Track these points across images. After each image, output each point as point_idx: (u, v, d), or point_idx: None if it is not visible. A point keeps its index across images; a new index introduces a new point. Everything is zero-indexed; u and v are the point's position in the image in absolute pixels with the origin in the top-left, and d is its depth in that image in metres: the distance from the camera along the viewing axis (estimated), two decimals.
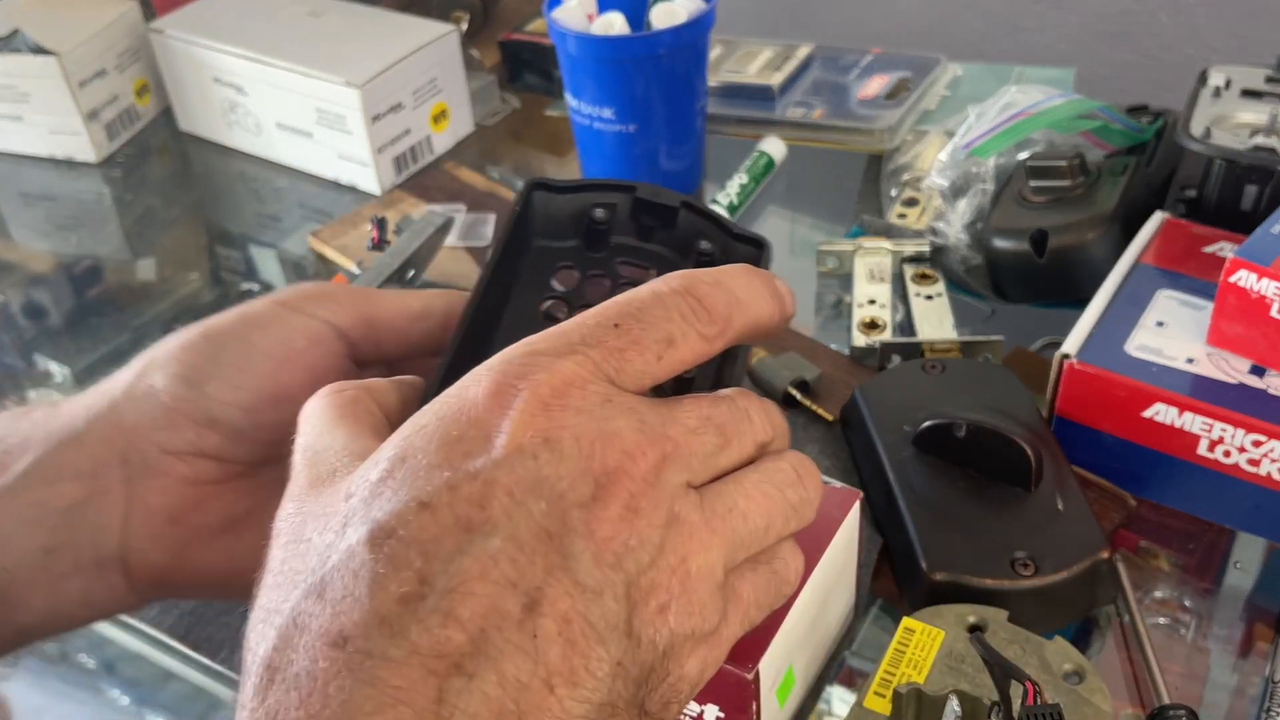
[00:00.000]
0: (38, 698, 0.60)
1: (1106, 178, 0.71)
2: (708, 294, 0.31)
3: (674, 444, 0.29)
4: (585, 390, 0.28)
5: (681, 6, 0.76)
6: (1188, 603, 0.55)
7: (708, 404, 0.31)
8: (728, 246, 0.41)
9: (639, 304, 0.30)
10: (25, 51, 0.89)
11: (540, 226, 0.42)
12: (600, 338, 0.29)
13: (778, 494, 0.31)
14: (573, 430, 0.27)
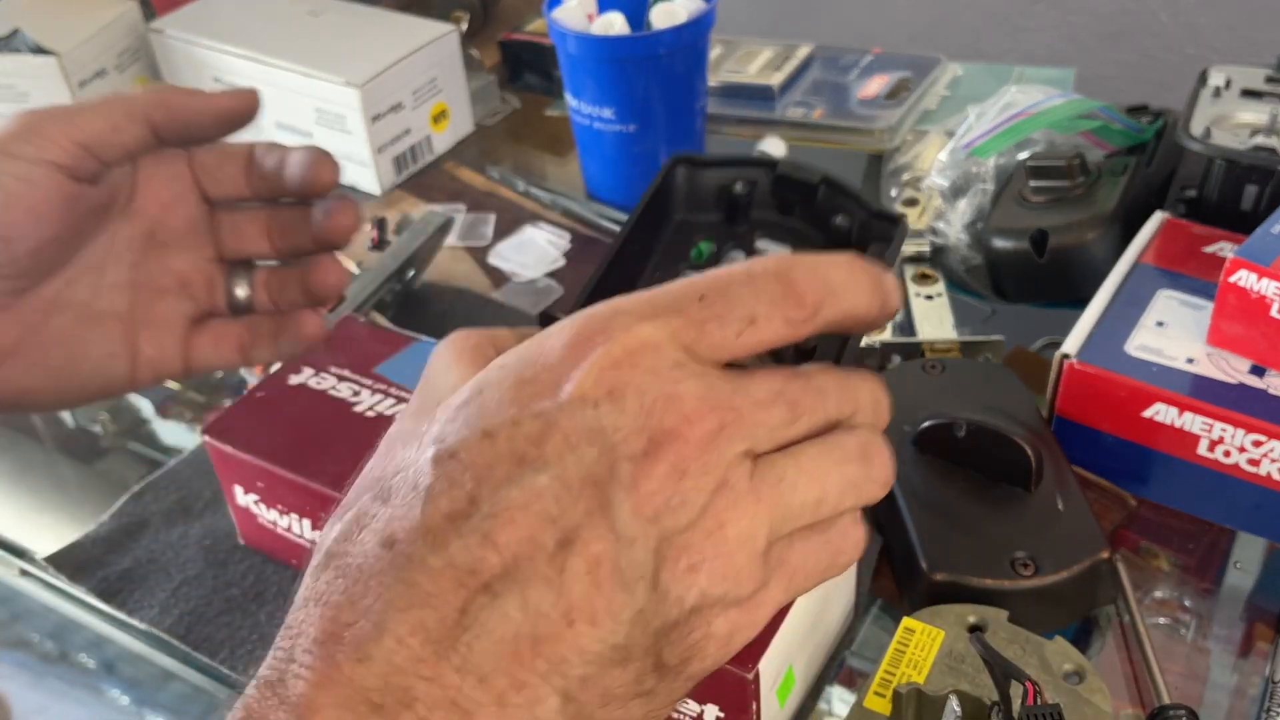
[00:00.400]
0: (38, 697, 0.60)
1: (1106, 178, 0.71)
2: (801, 280, 0.31)
3: (737, 413, 0.30)
4: (659, 353, 0.29)
5: (681, 6, 0.76)
6: (1188, 603, 0.55)
7: (783, 379, 0.31)
8: (864, 222, 0.41)
9: (729, 279, 0.31)
10: (25, 51, 0.89)
11: (684, 200, 0.43)
12: (684, 306, 0.30)
13: (835, 469, 0.31)
14: (637, 387, 0.29)
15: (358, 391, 0.56)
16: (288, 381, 0.56)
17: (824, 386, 0.32)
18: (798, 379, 0.32)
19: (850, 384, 0.33)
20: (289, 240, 0.50)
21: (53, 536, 0.61)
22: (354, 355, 0.58)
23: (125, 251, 0.46)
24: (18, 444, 0.72)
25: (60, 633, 0.62)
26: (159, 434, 0.72)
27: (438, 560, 0.27)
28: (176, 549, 0.59)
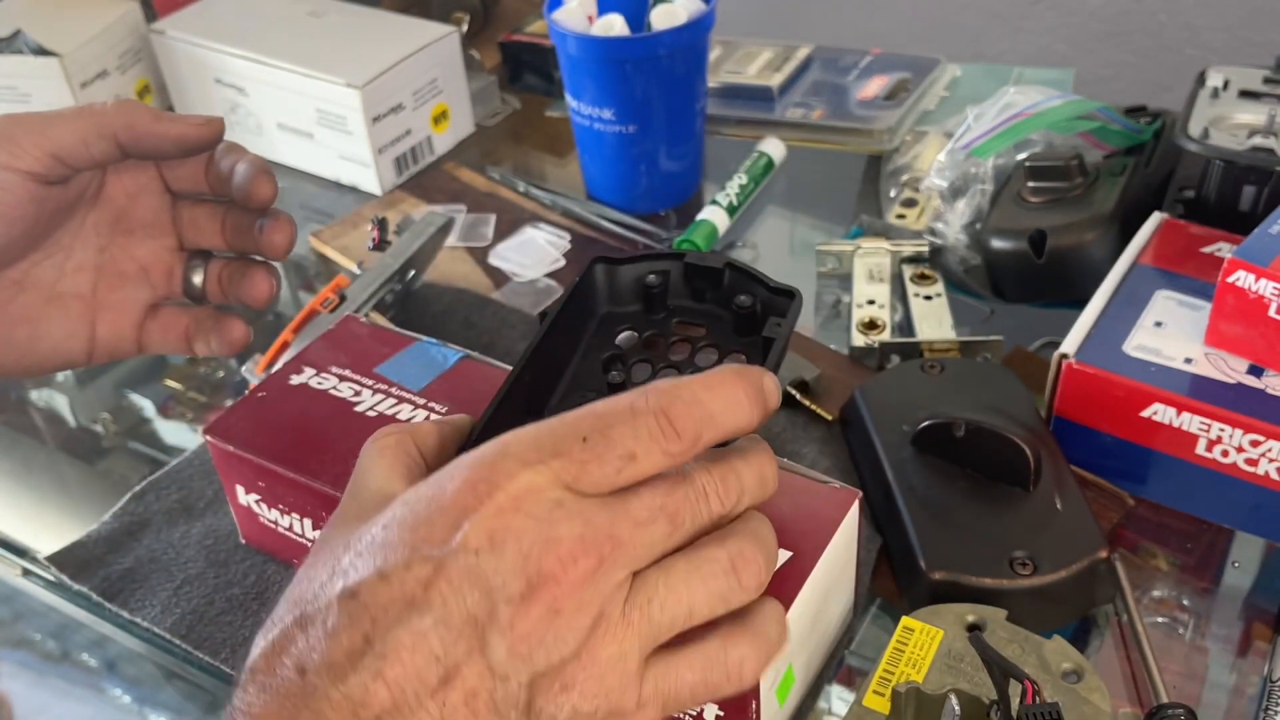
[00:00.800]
0: (39, 696, 0.60)
1: (1105, 178, 0.71)
2: (680, 415, 0.34)
3: (615, 543, 0.33)
4: (539, 497, 0.32)
5: (681, 7, 0.77)
6: (1186, 602, 0.55)
7: (664, 491, 0.34)
8: (764, 298, 0.47)
9: (612, 418, 0.34)
10: (27, 52, 0.89)
11: (606, 295, 0.48)
12: (566, 448, 0.33)
13: (702, 585, 0.34)
14: (517, 534, 0.32)
15: (359, 391, 0.56)
16: (289, 381, 0.57)
17: (705, 488, 0.35)
18: (678, 488, 0.34)
19: (733, 473, 0.36)
20: (240, 239, 0.52)
21: (54, 536, 0.61)
22: (355, 355, 0.58)
23: (92, 236, 0.49)
24: (19, 443, 0.72)
25: (62, 632, 0.62)
26: (160, 433, 0.72)
27: (337, 693, 0.31)
28: (178, 548, 0.59)
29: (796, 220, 0.86)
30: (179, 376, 0.74)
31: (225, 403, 0.71)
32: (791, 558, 0.46)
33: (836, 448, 0.62)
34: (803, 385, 0.65)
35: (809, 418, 0.64)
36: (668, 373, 0.46)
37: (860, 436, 0.60)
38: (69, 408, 0.74)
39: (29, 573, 0.61)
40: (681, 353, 0.48)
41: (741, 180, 0.82)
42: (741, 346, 0.47)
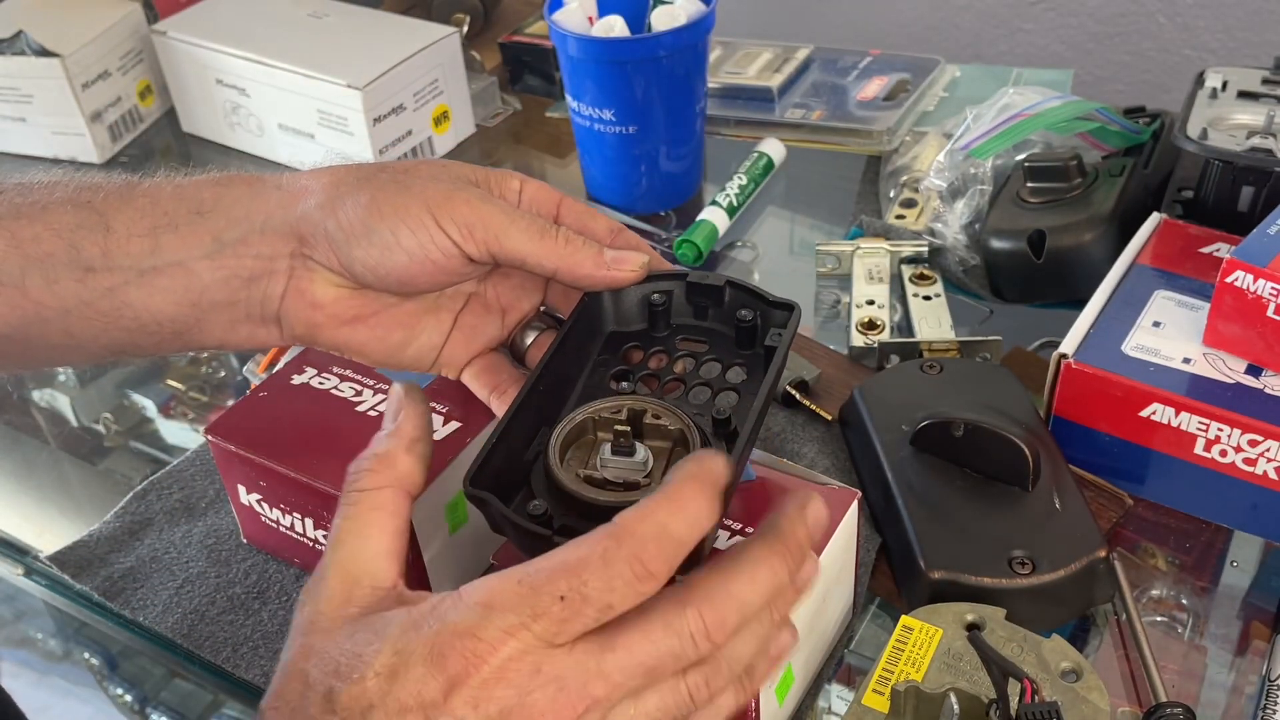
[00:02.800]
0: (41, 695, 0.60)
1: (1104, 179, 0.71)
2: (653, 555, 0.36)
3: (589, 701, 0.36)
4: (521, 663, 0.35)
5: (681, 9, 0.77)
6: (1185, 601, 0.55)
7: (647, 648, 0.36)
8: (764, 312, 0.49)
9: (585, 573, 0.36)
10: (29, 53, 0.89)
11: (614, 315, 0.51)
12: (545, 608, 0.35)
13: (664, 713, 0.37)
14: (498, 701, 0.35)
15: (360, 391, 0.56)
16: (290, 381, 0.57)
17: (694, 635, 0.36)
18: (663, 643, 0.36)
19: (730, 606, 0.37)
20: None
21: (56, 535, 0.61)
22: None
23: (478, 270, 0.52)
24: (21, 443, 0.72)
25: (63, 631, 0.63)
26: (162, 433, 0.72)
27: None
28: (179, 548, 0.59)
29: (796, 220, 0.86)
30: (180, 376, 0.74)
31: (227, 402, 0.72)
32: None
33: (836, 447, 0.62)
34: (802, 385, 0.65)
35: (808, 417, 0.64)
36: (672, 385, 0.48)
37: (859, 436, 0.60)
38: (71, 407, 0.74)
39: (31, 572, 0.61)
40: (686, 367, 0.50)
41: (741, 181, 0.82)
42: (743, 359, 0.49)
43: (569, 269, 0.49)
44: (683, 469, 0.38)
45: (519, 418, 0.46)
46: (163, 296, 0.49)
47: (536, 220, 0.49)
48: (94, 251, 0.48)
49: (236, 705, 0.56)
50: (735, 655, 0.38)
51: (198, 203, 0.49)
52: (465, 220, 0.48)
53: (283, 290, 0.50)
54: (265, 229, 0.49)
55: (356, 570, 0.39)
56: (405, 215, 0.48)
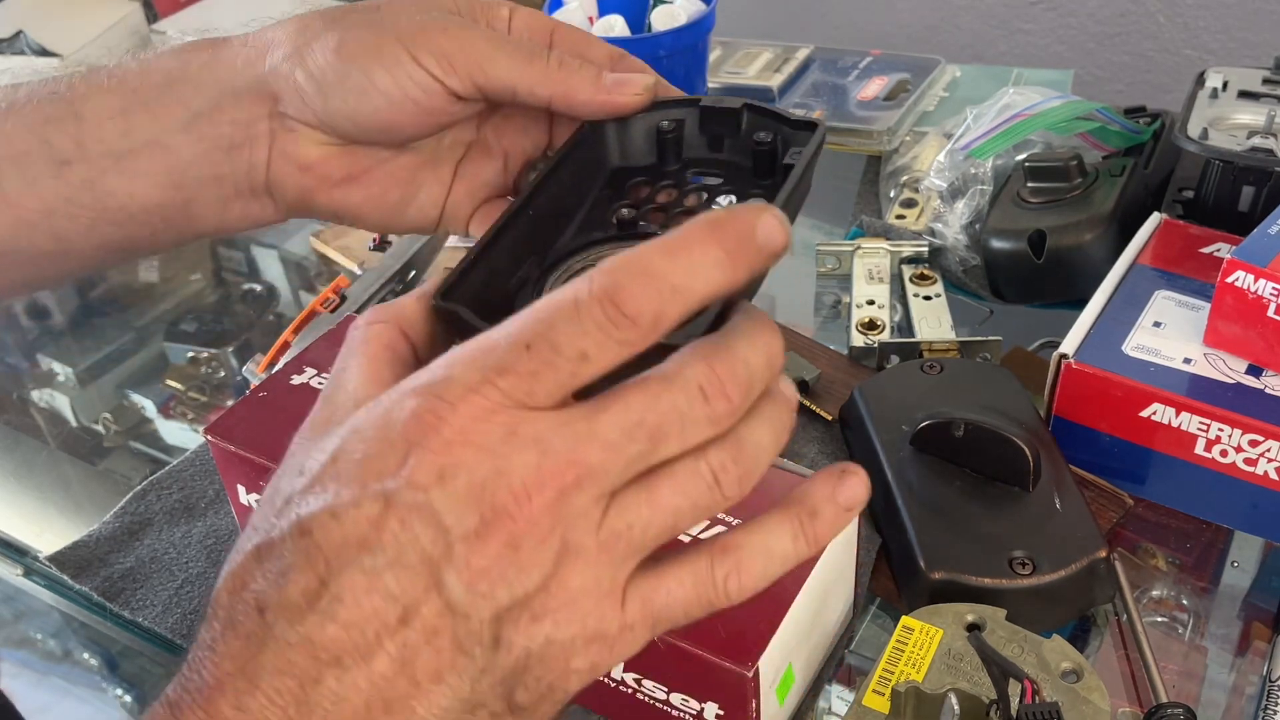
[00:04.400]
0: (41, 695, 0.60)
1: (1104, 179, 0.71)
2: (633, 295, 0.30)
3: (581, 469, 0.30)
4: (490, 424, 0.30)
5: (681, 8, 0.77)
6: (1185, 601, 0.55)
7: (643, 403, 0.31)
8: (786, 135, 0.44)
9: (554, 317, 0.30)
10: (29, 53, 0.90)
11: (618, 150, 0.45)
12: (511, 362, 0.30)
13: (688, 502, 0.32)
14: (468, 468, 0.30)
15: None
16: (290, 381, 0.57)
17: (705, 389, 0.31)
18: (662, 397, 0.31)
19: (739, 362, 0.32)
20: None
21: (55, 535, 0.61)
22: None
23: (475, 115, 0.49)
24: (21, 443, 0.72)
25: (63, 632, 0.63)
26: (161, 433, 0.72)
27: (294, 635, 0.30)
28: (179, 548, 0.59)
29: (796, 220, 0.86)
30: (180, 377, 0.74)
31: (226, 403, 0.72)
32: None
33: (836, 447, 0.62)
34: (802, 385, 0.65)
35: (808, 417, 0.64)
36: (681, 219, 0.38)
37: (859, 436, 0.60)
38: (70, 408, 0.74)
39: (30, 572, 0.61)
40: (698, 201, 0.44)
41: None
42: (761, 189, 0.44)
43: (564, 95, 0.44)
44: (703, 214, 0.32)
45: (503, 239, 0.40)
46: (144, 180, 0.46)
47: (525, 44, 0.45)
48: (67, 143, 0.46)
49: None
50: (756, 439, 0.33)
51: (164, 74, 0.47)
52: (444, 50, 0.44)
53: (267, 156, 0.47)
54: (237, 91, 0.46)
55: (339, 396, 0.34)
56: (378, 53, 0.44)
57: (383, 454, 0.31)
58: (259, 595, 0.31)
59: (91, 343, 0.78)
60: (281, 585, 0.31)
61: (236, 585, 0.31)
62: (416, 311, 0.36)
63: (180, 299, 0.82)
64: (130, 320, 0.80)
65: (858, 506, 0.35)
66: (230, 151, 0.47)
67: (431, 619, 0.30)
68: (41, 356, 0.78)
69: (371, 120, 0.45)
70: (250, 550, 0.32)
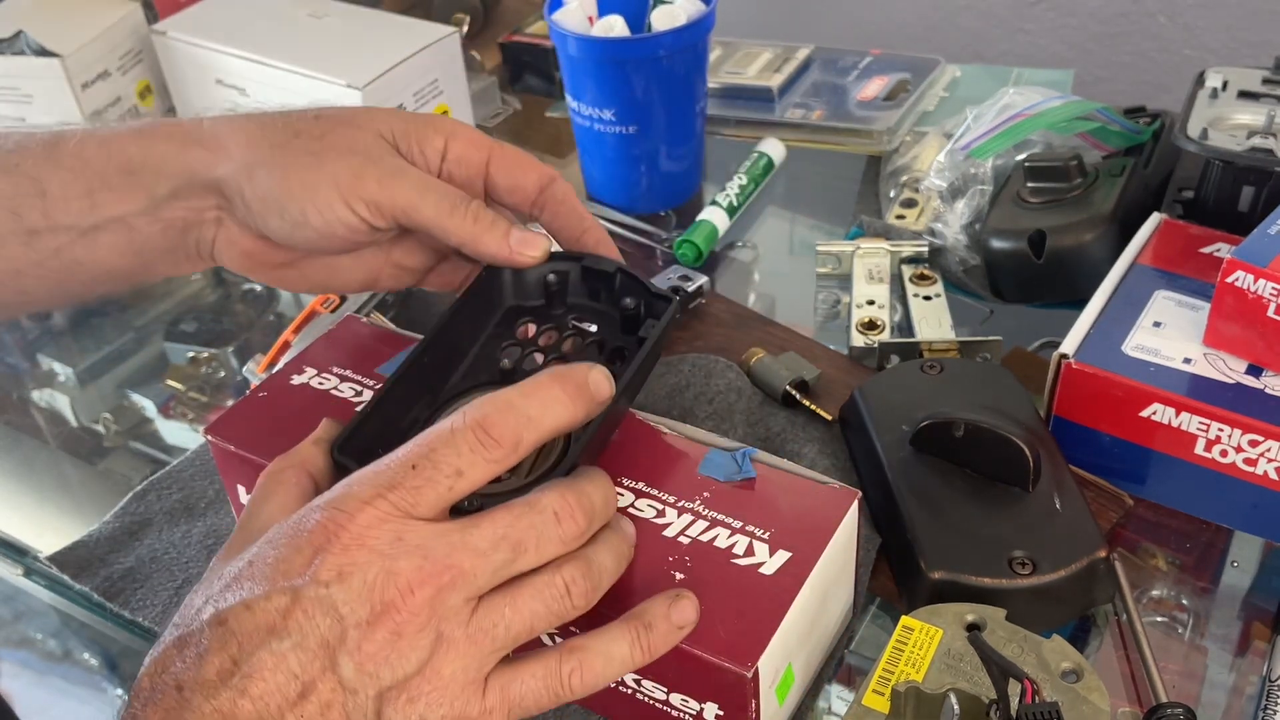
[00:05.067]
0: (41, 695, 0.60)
1: (1104, 179, 0.71)
2: (497, 423, 0.39)
3: (455, 572, 0.37)
4: (381, 531, 0.37)
5: (681, 8, 0.77)
6: (1185, 601, 0.55)
7: (509, 520, 0.39)
8: (647, 302, 0.52)
9: (434, 442, 0.39)
10: (28, 53, 0.89)
11: (513, 289, 0.53)
12: (400, 479, 0.38)
13: (544, 608, 0.39)
14: (362, 567, 0.37)
15: (359, 391, 0.56)
16: (290, 381, 0.57)
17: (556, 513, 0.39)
18: (523, 517, 0.39)
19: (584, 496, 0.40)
20: None
21: (56, 535, 0.61)
22: (356, 355, 0.58)
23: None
24: (21, 443, 0.72)
25: (63, 632, 0.63)
26: (162, 433, 0.72)
27: (209, 706, 0.35)
28: (179, 548, 0.59)
29: (796, 220, 0.86)
30: (180, 377, 0.74)
31: (226, 403, 0.72)
32: (791, 558, 0.46)
33: (836, 448, 0.62)
34: (802, 385, 0.65)
35: (808, 418, 0.64)
36: (555, 363, 0.50)
37: (860, 436, 0.60)
38: (70, 408, 0.74)
39: (31, 572, 0.61)
40: (574, 346, 0.52)
41: (741, 181, 0.82)
42: (626, 344, 0.51)
43: (474, 247, 0.51)
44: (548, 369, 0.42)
45: (399, 388, 0.48)
46: (108, 250, 0.52)
47: (449, 195, 0.51)
48: (36, 216, 0.51)
49: None
50: (600, 561, 0.41)
51: (126, 160, 0.52)
52: (374, 199, 0.50)
53: (213, 237, 0.53)
54: (193, 185, 0.52)
55: (253, 525, 0.41)
56: (314, 194, 0.50)
57: (291, 557, 0.37)
58: (177, 676, 0.36)
59: (91, 343, 0.78)
60: (199, 666, 0.36)
61: (157, 669, 0.37)
62: (315, 455, 0.45)
63: (180, 299, 0.82)
64: (130, 320, 0.80)
65: (688, 626, 0.42)
66: (184, 231, 0.53)
67: (326, 694, 0.36)
68: (42, 356, 0.78)
69: (303, 243, 0.52)
70: (171, 641, 0.37)
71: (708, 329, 0.72)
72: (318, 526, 0.37)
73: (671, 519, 0.48)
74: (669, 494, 0.49)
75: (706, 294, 0.73)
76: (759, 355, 0.67)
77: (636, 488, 0.50)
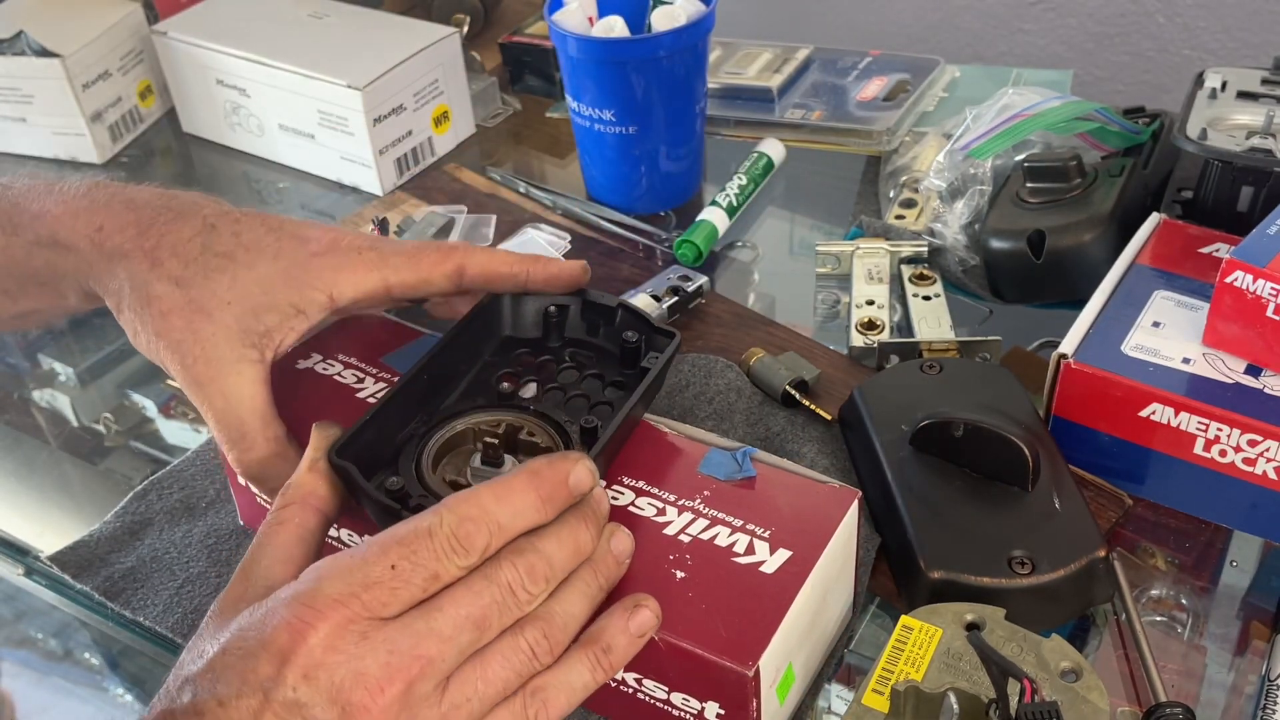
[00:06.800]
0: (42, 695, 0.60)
1: (1103, 179, 0.71)
2: (470, 532, 0.40)
3: (423, 662, 0.38)
4: (346, 633, 0.38)
5: (681, 9, 0.77)
6: (1184, 601, 0.55)
7: (469, 600, 0.39)
8: (650, 337, 0.52)
9: (414, 544, 0.39)
10: (29, 53, 0.90)
11: (510, 321, 0.54)
12: (378, 578, 0.39)
13: (513, 673, 0.40)
14: (329, 670, 0.37)
15: (361, 379, 0.56)
16: (295, 366, 0.57)
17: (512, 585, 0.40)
18: (484, 594, 0.40)
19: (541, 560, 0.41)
20: None
21: (57, 535, 0.61)
22: (364, 344, 0.58)
23: None
24: (22, 443, 0.72)
25: (64, 631, 0.63)
26: (162, 433, 0.72)
27: None
28: (180, 547, 0.59)
29: (796, 221, 0.86)
30: None
31: None
32: (791, 557, 0.46)
33: (835, 447, 0.62)
34: (802, 385, 0.65)
35: (808, 418, 0.64)
36: (555, 394, 0.52)
37: (859, 436, 0.60)
38: (71, 407, 0.74)
39: (31, 572, 0.61)
40: (570, 378, 0.53)
41: (741, 181, 0.82)
42: (624, 378, 0.52)
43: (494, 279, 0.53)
44: (529, 463, 0.42)
45: (397, 400, 0.48)
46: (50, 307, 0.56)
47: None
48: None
49: None
50: (567, 611, 0.42)
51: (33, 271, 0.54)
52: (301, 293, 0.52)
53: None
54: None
55: (255, 572, 0.42)
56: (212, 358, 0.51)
57: (259, 656, 0.37)
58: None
59: (92, 342, 0.78)
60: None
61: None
62: (312, 482, 0.45)
63: None
64: None
65: (650, 631, 0.43)
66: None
67: None
68: (42, 356, 0.78)
69: None
70: (157, 714, 0.38)
71: (708, 329, 0.72)
72: (284, 625, 0.38)
73: (672, 517, 0.48)
74: (669, 492, 0.49)
75: (706, 294, 0.73)
76: (759, 355, 0.67)
77: (637, 486, 0.50)
